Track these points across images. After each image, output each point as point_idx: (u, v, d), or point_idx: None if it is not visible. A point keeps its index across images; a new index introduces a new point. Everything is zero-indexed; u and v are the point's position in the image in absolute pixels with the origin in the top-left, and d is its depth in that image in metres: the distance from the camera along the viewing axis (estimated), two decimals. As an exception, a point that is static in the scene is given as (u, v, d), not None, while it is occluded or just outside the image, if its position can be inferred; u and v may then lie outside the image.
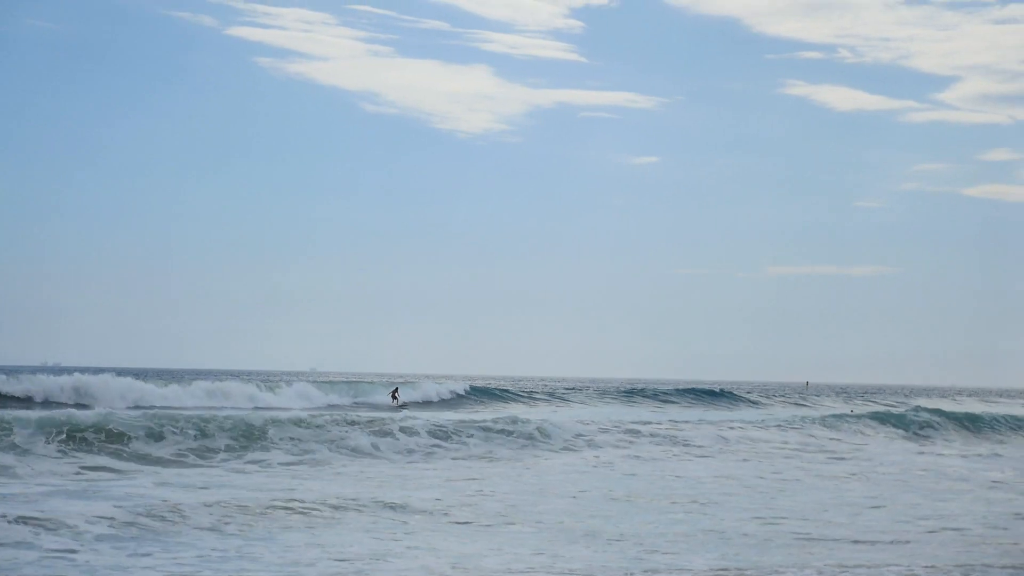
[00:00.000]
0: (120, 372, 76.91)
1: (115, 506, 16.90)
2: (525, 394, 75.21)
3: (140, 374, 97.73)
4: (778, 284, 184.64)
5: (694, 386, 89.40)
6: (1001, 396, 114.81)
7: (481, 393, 70.95)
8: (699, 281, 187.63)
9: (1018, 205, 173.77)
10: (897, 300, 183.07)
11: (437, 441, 31.51)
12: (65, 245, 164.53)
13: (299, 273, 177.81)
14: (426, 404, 62.48)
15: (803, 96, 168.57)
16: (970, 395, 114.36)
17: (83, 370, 77.06)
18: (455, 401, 66.08)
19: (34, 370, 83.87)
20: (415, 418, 34.77)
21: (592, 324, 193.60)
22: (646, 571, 13.59)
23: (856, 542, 16.47)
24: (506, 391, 75.85)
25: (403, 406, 58.63)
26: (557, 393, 78.62)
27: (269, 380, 70.97)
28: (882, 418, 48.62)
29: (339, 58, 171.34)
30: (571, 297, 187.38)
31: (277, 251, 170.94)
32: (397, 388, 64.13)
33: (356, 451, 29.29)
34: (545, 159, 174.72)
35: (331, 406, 54.91)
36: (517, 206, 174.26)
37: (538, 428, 34.78)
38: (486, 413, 47.04)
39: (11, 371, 61.24)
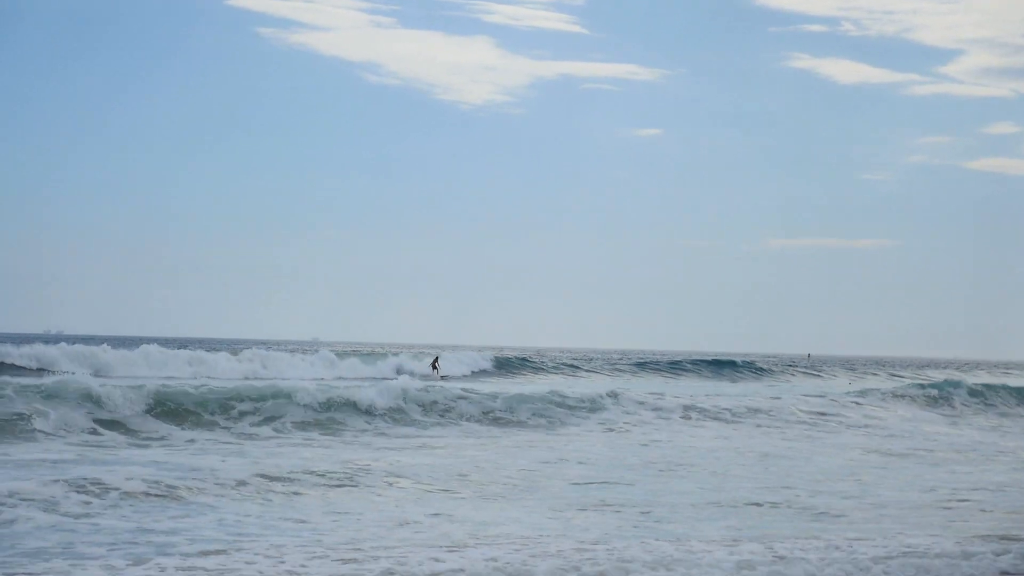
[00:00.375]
0: (122, 341, 76.79)
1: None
2: (552, 365, 75.03)
3: (143, 343, 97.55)
4: (781, 257, 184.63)
5: (702, 357, 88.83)
6: (1010, 369, 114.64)
7: (507, 365, 70.44)
8: (702, 254, 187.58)
9: (1021, 178, 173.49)
10: (900, 273, 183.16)
11: (497, 414, 31.10)
12: (68, 216, 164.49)
13: (299, 244, 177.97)
14: (462, 376, 62.24)
15: (806, 69, 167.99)
16: (977, 368, 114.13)
17: (85, 339, 76.80)
18: (488, 373, 65.64)
19: (40, 338, 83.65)
20: (475, 392, 33.71)
21: (594, 296, 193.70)
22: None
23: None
24: (526, 361, 75.73)
25: (444, 377, 58.49)
26: (576, 364, 78.24)
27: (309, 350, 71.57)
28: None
29: (341, 28, 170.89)
30: (573, 269, 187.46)
31: (278, 222, 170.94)
32: (437, 358, 63.67)
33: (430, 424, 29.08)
34: (547, 131, 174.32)
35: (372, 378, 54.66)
36: (519, 178, 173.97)
37: (609, 394, 34.28)
38: (535, 385, 46.28)
39: (19, 339, 61.26)
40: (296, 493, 16.38)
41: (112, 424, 25.19)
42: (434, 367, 61.39)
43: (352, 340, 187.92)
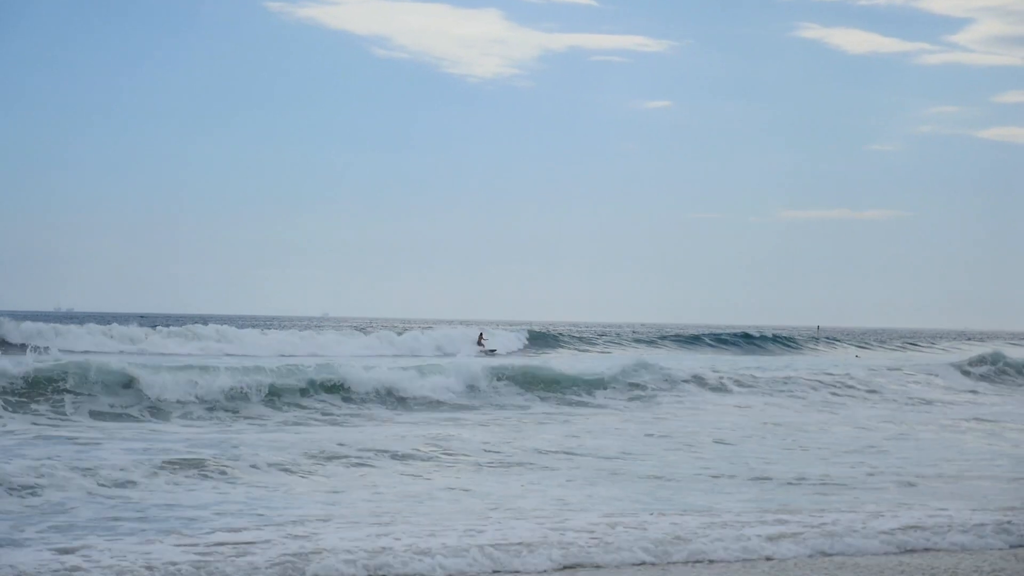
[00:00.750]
0: (130, 318, 76.71)
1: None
2: (585, 339, 74.70)
3: (149, 319, 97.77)
4: (790, 228, 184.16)
5: (720, 330, 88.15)
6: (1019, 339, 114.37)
7: (540, 339, 70.08)
8: (712, 226, 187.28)
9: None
10: (909, 244, 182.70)
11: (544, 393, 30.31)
12: (75, 194, 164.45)
13: (308, 219, 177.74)
14: (517, 351, 61.56)
15: (816, 39, 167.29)
16: (991, 339, 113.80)
17: (95, 316, 76.65)
18: (528, 348, 65.16)
19: (50, 316, 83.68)
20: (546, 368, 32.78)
21: (604, 269, 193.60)
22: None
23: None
24: (561, 335, 75.64)
25: (492, 351, 58.28)
26: (611, 338, 77.80)
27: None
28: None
29: (349, 2, 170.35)
30: (583, 242, 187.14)
31: (286, 197, 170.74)
32: (483, 333, 63.32)
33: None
34: (556, 104, 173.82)
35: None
36: (528, 152, 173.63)
37: (664, 377, 33.22)
38: (608, 359, 44.63)
39: (29, 317, 61.16)
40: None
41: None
42: (480, 343, 61.00)
43: (361, 316, 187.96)
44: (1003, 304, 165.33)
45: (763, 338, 79.30)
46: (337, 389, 26.85)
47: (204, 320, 73.21)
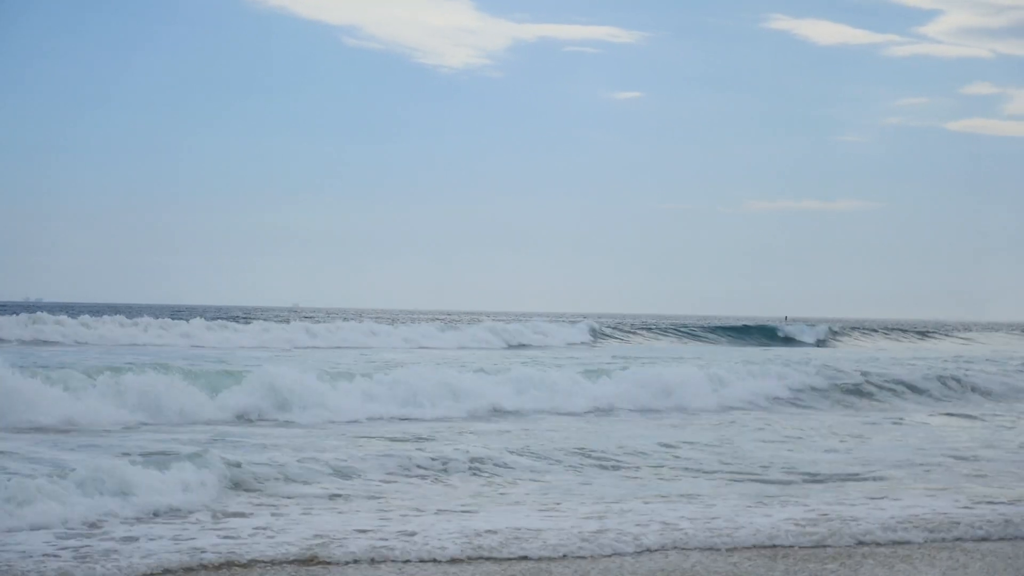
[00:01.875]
0: (102, 308, 76.54)
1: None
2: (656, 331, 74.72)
3: (122, 310, 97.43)
4: (759, 220, 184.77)
5: (698, 322, 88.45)
6: (988, 331, 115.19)
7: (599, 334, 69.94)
8: (680, 216, 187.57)
9: (1000, 139, 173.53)
10: (879, 235, 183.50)
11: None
12: (43, 184, 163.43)
13: (278, 209, 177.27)
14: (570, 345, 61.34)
15: (786, 30, 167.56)
16: (966, 330, 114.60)
17: (65, 307, 76.47)
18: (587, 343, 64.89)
19: (20, 307, 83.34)
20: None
21: (574, 260, 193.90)
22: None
23: None
24: (615, 329, 75.70)
25: None
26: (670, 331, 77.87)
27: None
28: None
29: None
30: (553, 233, 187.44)
31: (255, 187, 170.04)
32: None
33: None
34: (528, 94, 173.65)
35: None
36: (499, 142, 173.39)
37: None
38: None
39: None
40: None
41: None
42: None
43: (332, 306, 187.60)
44: (971, 295, 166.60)
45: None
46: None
47: (176, 310, 73.07)
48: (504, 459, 16.71)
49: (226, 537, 11.16)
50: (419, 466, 15.95)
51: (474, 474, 15.73)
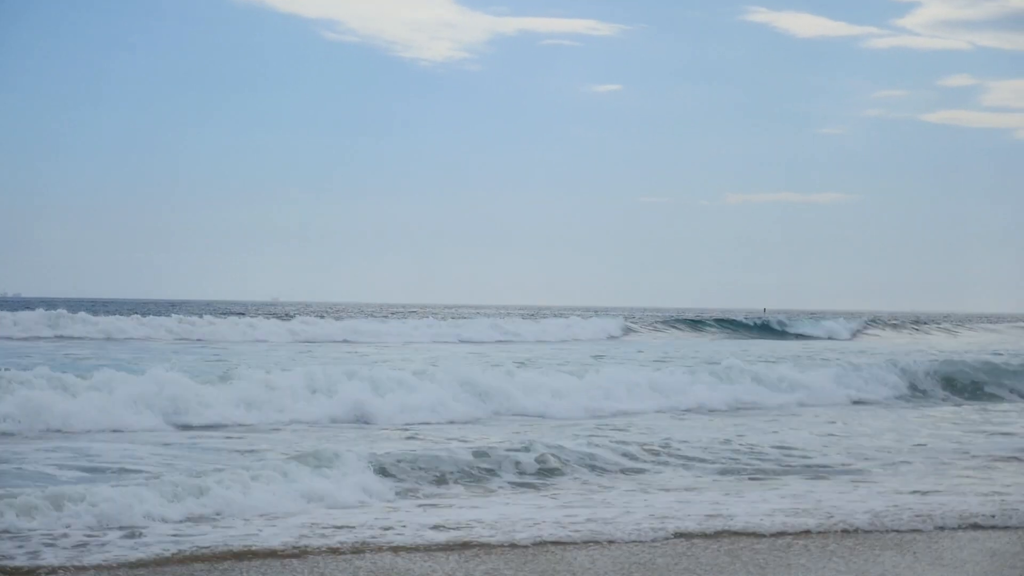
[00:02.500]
0: (81, 304, 75.77)
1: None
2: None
3: (100, 305, 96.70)
4: (739, 212, 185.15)
5: (679, 315, 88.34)
6: (968, 323, 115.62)
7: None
8: (660, 210, 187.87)
9: (978, 131, 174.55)
10: (858, 227, 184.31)
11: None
12: (17, 178, 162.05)
13: (257, 204, 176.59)
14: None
15: (765, 23, 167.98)
16: (945, 320, 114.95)
17: (49, 302, 75.83)
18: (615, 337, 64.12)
19: (4, 303, 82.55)
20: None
21: (554, 254, 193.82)
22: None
23: None
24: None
25: None
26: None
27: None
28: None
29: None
30: (533, 226, 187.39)
31: (234, 182, 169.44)
32: None
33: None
34: (507, 88, 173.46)
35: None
36: (478, 135, 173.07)
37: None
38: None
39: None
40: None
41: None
42: None
43: (312, 301, 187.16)
44: (951, 287, 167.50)
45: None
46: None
47: (157, 305, 72.35)
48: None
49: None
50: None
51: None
